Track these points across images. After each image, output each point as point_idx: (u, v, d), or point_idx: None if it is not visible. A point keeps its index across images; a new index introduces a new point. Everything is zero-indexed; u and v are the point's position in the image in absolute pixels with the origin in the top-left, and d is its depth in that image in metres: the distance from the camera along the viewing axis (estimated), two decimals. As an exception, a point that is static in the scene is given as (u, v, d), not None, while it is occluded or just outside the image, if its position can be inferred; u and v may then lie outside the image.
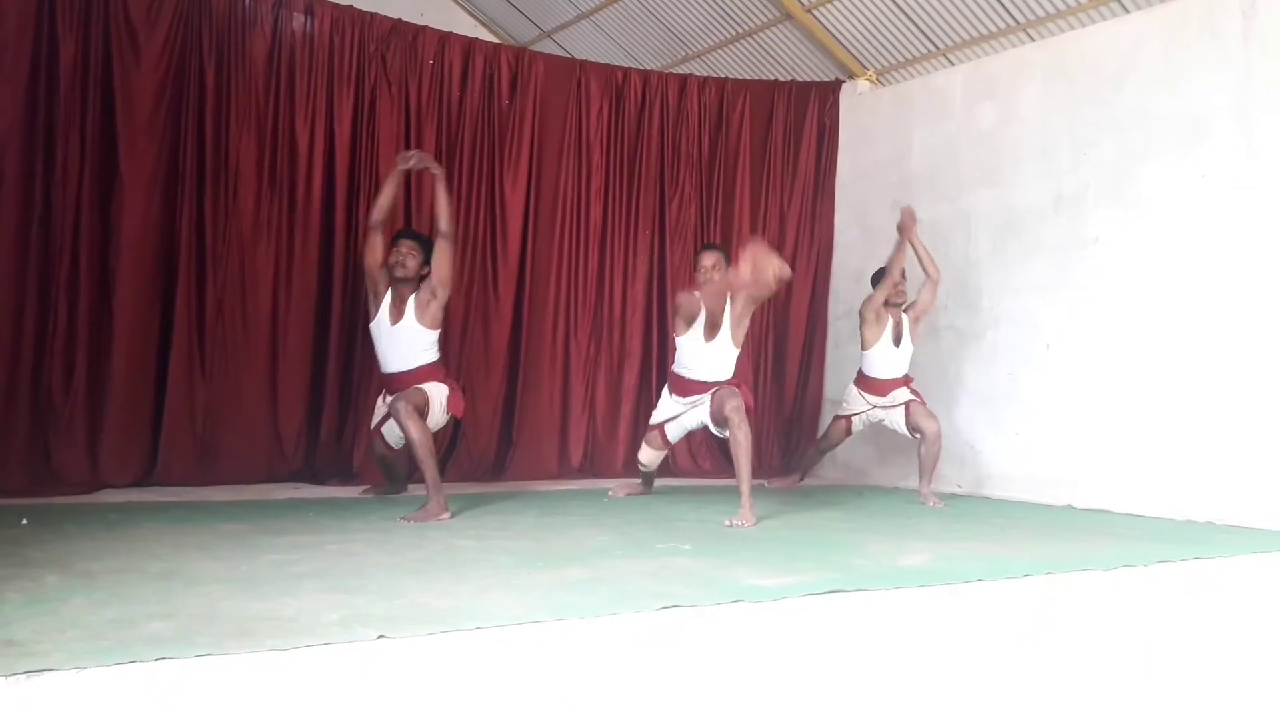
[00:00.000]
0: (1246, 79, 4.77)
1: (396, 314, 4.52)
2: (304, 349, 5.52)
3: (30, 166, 4.79)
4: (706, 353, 4.65)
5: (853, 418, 5.62)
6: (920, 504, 5.16)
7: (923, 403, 5.40)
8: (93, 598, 2.39)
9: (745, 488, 4.31)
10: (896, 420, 5.47)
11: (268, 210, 5.43)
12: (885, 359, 5.42)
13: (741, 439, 4.37)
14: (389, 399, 4.50)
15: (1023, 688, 1.98)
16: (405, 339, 4.51)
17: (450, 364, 5.91)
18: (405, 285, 4.54)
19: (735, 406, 4.42)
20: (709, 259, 4.68)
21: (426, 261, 4.54)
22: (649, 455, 5.09)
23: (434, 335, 4.57)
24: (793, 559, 3.34)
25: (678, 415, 4.84)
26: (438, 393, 4.48)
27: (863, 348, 5.49)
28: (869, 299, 5.42)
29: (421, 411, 4.32)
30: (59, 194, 4.86)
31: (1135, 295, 5.16)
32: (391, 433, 4.61)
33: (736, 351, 4.68)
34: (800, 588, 2.79)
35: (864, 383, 5.54)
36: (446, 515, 4.08)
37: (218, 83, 5.30)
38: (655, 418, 4.99)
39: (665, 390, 4.94)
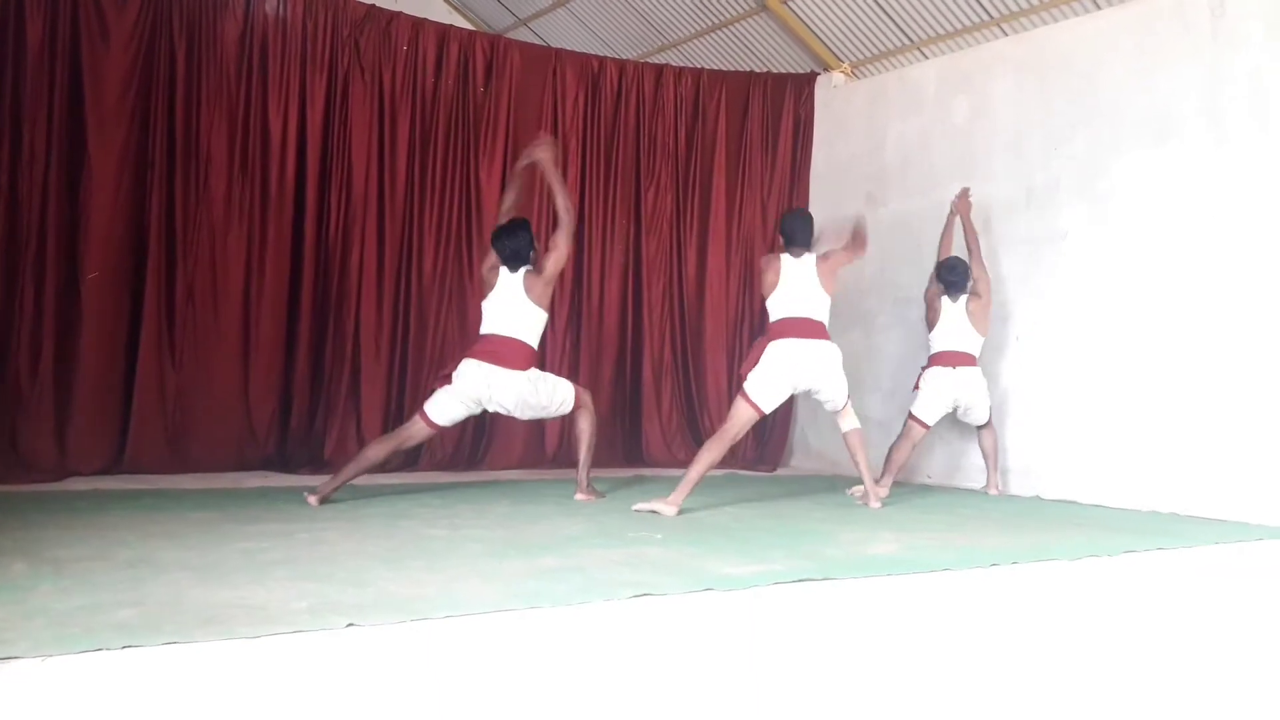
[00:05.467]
0: (1216, 75, 4.83)
1: None
2: (275, 336, 5.48)
3: (-4, 149, 4.73)
4: None
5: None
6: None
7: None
8: (59, 585, 2.37)
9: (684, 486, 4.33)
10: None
11: (239, 196, 5.37)
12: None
13: (710, 446, 4.44)
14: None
15: (989, 675, 2.01)
16: None
17: (425, 350, 5.91)
18: None
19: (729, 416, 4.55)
20: None
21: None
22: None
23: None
24: (764, 548, 3.37)
25: None
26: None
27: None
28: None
29: None
30: (25, 176, 4.79)
31: (1105, 289, 5.22)
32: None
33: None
34: (770, 576, 2.81)
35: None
36: (316, 503, 4.08)
37: (188, 66, 5.24)
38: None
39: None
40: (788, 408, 6.81)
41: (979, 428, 5.51)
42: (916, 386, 5.33)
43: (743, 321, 6.84)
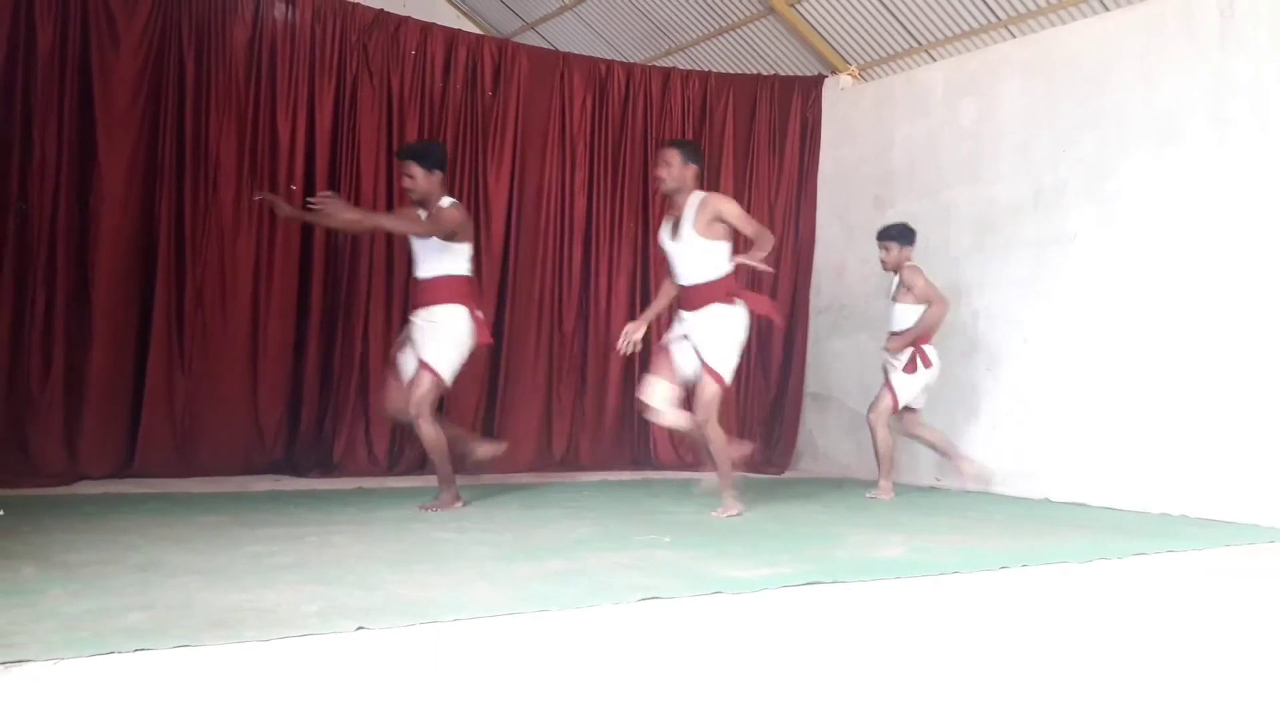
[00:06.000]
0: (1222, 77, 4.81)
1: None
2: (284, 340, 5.50)
3: (7, 154, 4.76)
4: (675, 254, 4.33)
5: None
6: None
7: (886, 387, 5.29)
8: (70, 589, 2.38)
9: (723, 481, 4.33)
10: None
11: (248, 201, 5.38)
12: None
13: (711, 436, 4.27)
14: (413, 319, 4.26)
15: (998, 678, 2.00)
16: (424, 242, 4.20)
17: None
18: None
19: (702, 408, 4.23)
20: (663, 155, 4.32)
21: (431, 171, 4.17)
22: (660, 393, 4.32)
23: (456, 246, 4.18)
24: (771, 551, 3.37)
25: (681, 337, 4.38)
26: (449, 325, 4.18)
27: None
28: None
29: (433, 380, 4.12)
30: (36, 182, 4.82)
31: (1113, 291, 5.20)
32: (406, 366, 4.23)
33: (710, 246, 4.22)
34: (778, 579, 2.81)
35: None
36: (460, 504, 4.22)
37: (198, 72, 5.27)
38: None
39: None
40: (795, 410, 6.82)
41: (909, 420, 5.36)
42: (914, 367, 5.20)
43: (749, 326, 6.81)
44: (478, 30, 7.72)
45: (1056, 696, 1.88)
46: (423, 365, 4.15)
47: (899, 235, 5.29)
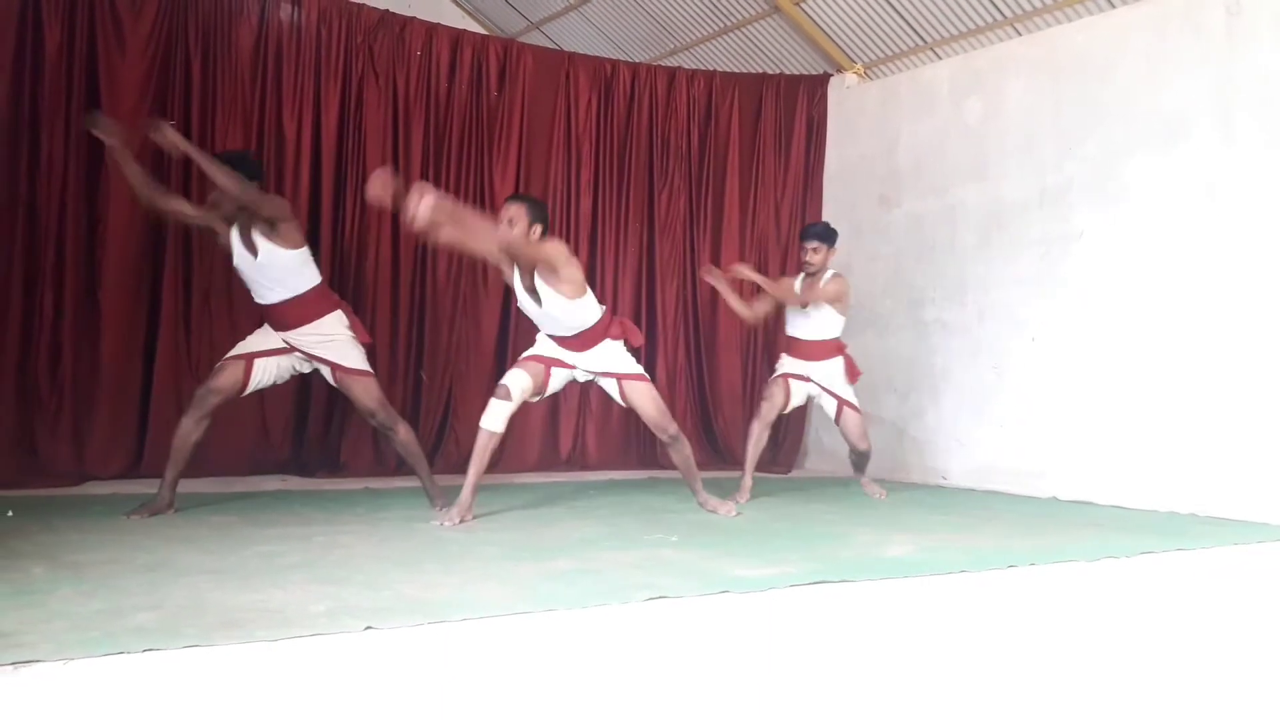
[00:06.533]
0: (1229, 75, 4.80)
1: (251, 248, 3.96)
2: (291, 340, 5.50)
3: (15, 155, 4.78)
4: (541, 316, 4.13)
5: (787, 379, 5.16)
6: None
7: (844, 407, 5.10)
8: (80, 589, 2.39)
9: (696, 485, 4.36)
10: (827, 403, 5.17)
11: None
12: (792, 319, 5.17)
13: (683, 451, 4.27)
14: (282, 336, 4.05)
15: (1006, 678, 2.00)
16: (273, 267, 3.96)
17: (439, 356, 5.91)
18: (241, 218, 3.98)
19: (665, 418, 4.18)
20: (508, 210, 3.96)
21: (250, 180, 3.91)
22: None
23: (302, 253, 4.01)
24: (778, 550, 3.37)
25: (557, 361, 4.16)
26: (342, 330, 4.10)
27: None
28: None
29: (362, 373, 4.08)
30: (44, 183, 4.84)
31: (1119, 289, 5.19)
32: (268, 372, 4.06)
33: (578, 303, 4.05)
34: (786, 579, 2.81)
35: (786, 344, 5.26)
36: (443, 505, 4.12)
37: (204, 73, 5.28)
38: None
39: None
40: (802, 409, 6.80)
41: (773, 416, 5.16)
42: (855, 377, 5.13)
43: (756, 324, 6.82)
44: (483, 30, 7.73)
45: (1065, 695, 1.88)
46: (351, 373, 4.08)
47: (826, 235, 5.03)
